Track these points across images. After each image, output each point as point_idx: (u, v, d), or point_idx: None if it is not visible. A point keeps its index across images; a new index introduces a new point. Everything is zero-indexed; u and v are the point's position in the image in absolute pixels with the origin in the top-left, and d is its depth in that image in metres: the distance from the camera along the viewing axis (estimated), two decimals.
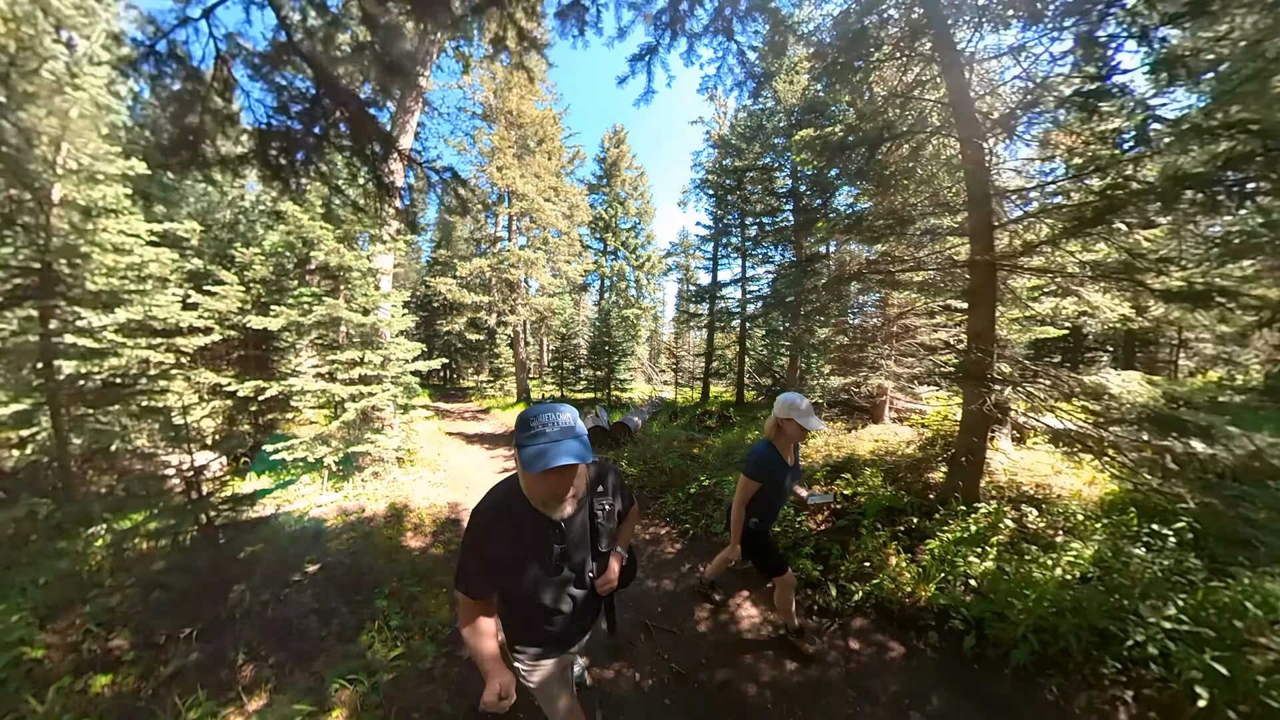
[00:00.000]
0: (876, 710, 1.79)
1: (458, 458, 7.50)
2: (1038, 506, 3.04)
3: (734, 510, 2.11)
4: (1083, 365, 8.69)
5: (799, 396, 2.08)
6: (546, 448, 1.04)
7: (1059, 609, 1.94)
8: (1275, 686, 1.47)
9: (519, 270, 14.36)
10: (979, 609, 2.10)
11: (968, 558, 2.43)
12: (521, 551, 1.21)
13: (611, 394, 14.04)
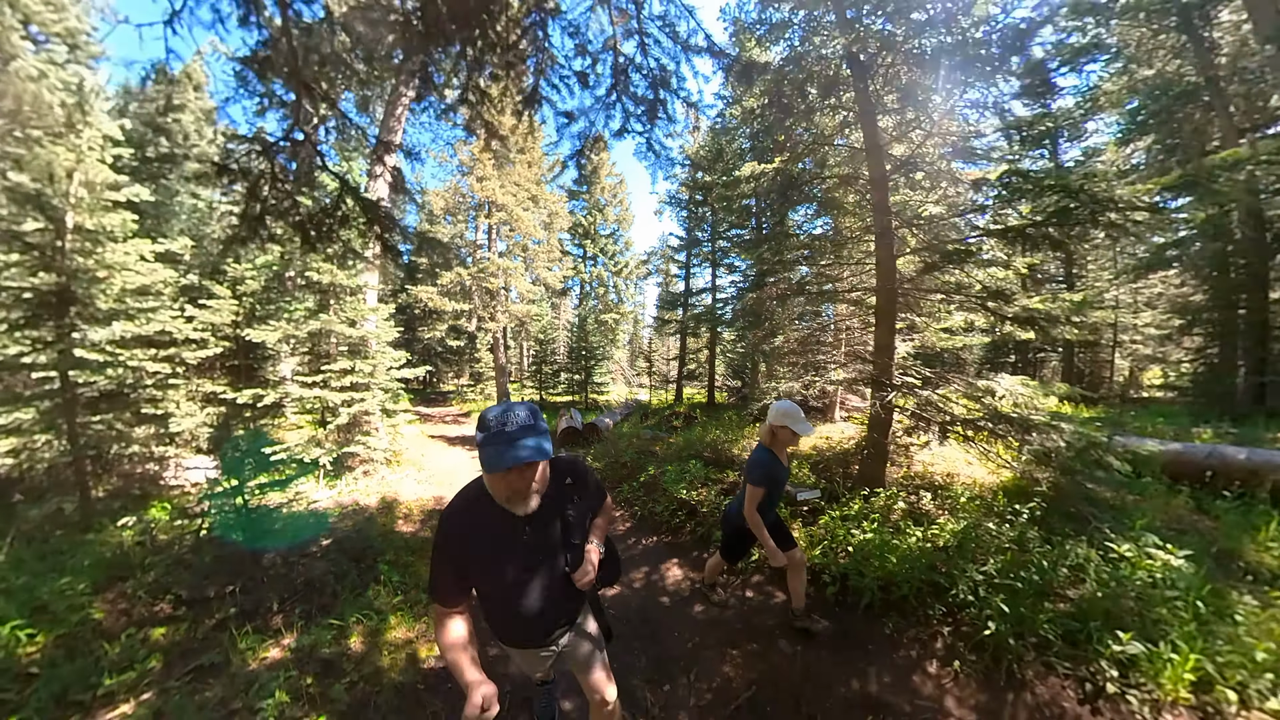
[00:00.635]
0: (753, 637, 2.48)
1: (441, 459, 8.03)
2: (935, 492, 3.76)
3: (748, 518, 2.21)
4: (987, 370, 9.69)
5: (791, 405, 2.22)
6: (504, 447, 1.06)
7: (902, 567, 2.61)
8: (1050, 621, 2.11)
9: (498, 279, 14.88)
10: (845, 567, 2.77)
11: (850, 530, 3.11)
12: (491, 550, 1.22)
13: (589, 396, 14.68)
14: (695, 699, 2.08)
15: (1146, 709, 1.77)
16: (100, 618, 2.89)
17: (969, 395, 3.72)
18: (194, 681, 2.24)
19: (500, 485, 1.14)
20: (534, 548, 1.25)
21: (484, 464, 1.07)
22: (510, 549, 1.23)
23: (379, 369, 6.52)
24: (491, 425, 1.09)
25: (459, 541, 1.21)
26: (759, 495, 2.18)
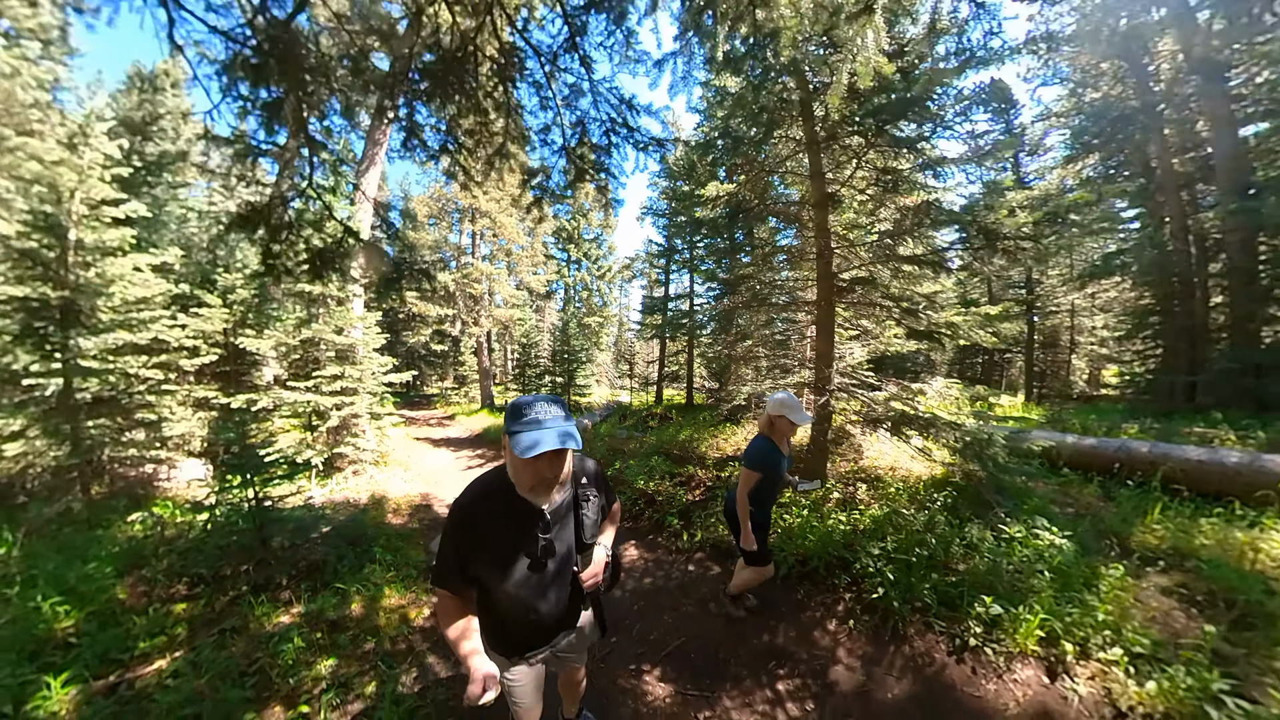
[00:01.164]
0: (687, 602, 2.99)
1: (426, 459, 8.43)
2: (871, 483, 4.32)
3: (739, 500, 2.28)
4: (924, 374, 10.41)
5: (789, 395, 2.29)
6: (540, 434, 1.08)
7: (818, 545, 3.14)
8: (932, 588, 2.58)
9: (482, 284, 15.29)
10: (770, 544, 3.33)
11: (781, 515, 3.66)
12: (505, 540, 1.23)
13: (572, 398, 15.13)
14: (635, 650, 2.59)
15: (1001, 659, 2.22)
16: (124, 597, 3.30)
17: (898, 398, 4.33)
18: (218, 641, 2.68)
19: (528, 472, 1.16)
20: (548, 542, 1.25)
21: (517, 449, 1.08)
22: (526, 543, 1.24)
23: (366, 374, 6.92)
24: (526, 413, 1.12)
25: (473, 530, 1.21)
26: (753, 479, 2.25)
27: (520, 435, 1.09)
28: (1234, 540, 2.89)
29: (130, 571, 3.58)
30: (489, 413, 14.36)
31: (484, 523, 1.22)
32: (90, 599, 3.21)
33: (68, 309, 5.03)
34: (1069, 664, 2.15)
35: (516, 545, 1.24)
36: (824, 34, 3.00)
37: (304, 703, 2.01)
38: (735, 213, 4.68)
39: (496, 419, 13.03)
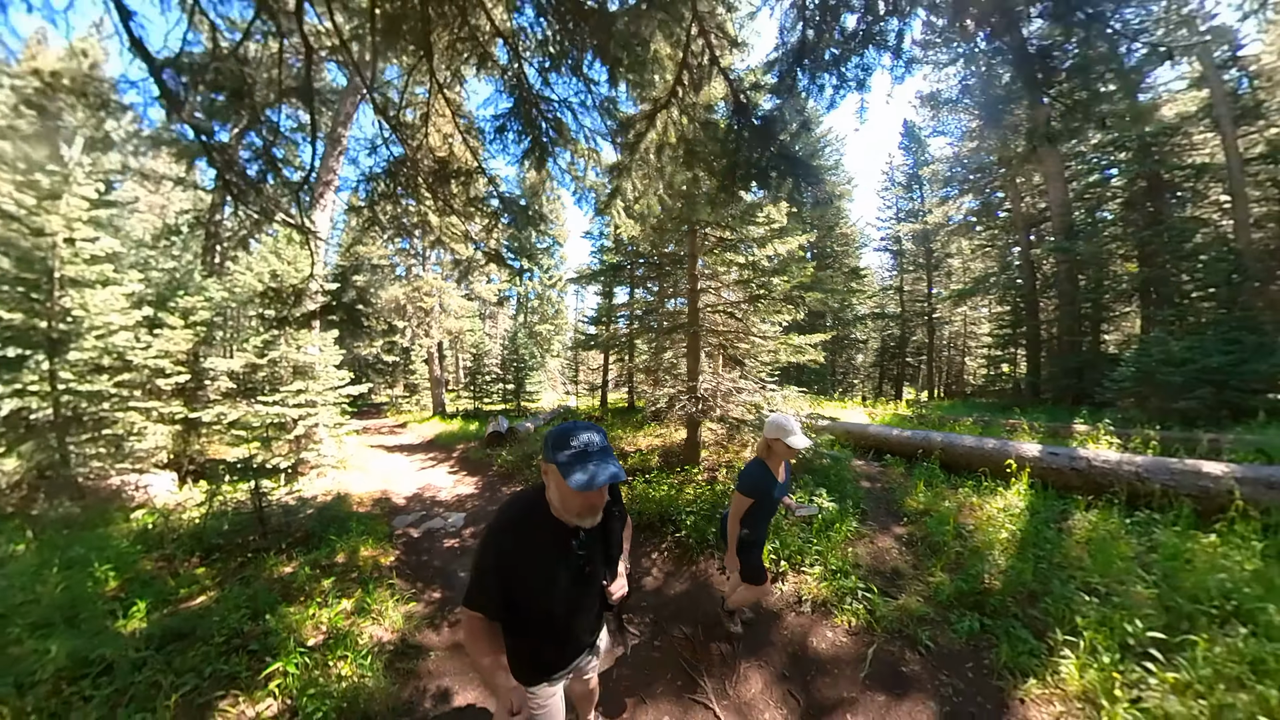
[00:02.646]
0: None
1: (382, 464, 9.47)
2: (731, 468, 5.96)
3: (729, 524, 2.36)
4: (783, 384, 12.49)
5: (786, 418, 2.32)
6: (593, 467, 1.16)
7: (656, 507, 4.68)
8: (715, 531, 3.82)
9: (434, 297, 16.19)
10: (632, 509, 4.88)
11: (649, 490, 5.21)
12: (544, 561, 1.28)
13: (521, 404, 16.35)
14: None
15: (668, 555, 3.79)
16: (150, 568, 4.41)
17: (746, 404, 6.04)
18: (243, 582, 3.91)
19: (578, 502, 1.22)
20: (583, 562, 1.32)
21: (572, 483, 1.13)
22: (565, 562, 1.30)
23: (326, 388, 7.99)
24: (574, 446, 1.19)
25: (512, 556, 1.25)
26: (745, 504, 2.30)
27: (573, 468, 1.16)
28: (965, 501, 4.41)
29: (148, 553, 4.65)
30: (441, 419, 15.31)
31: (523, 545, 1.27)
32: (123, 570, 4.29)
33: (53, 339, 5.91)
34: (783, 574, 3.47)
35: (556, 566, 1.29)
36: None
37: (315, 602, 3.32)
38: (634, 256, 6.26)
39: (449, 425, 14.04)
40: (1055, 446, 4.97)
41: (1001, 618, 2.73)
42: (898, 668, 2.49)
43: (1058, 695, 2.18)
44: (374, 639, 2.84)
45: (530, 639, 1.38)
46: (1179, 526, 3.39)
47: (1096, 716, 2.02)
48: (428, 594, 3.56)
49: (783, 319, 6.40)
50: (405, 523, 5.33)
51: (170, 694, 2.22)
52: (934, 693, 2.31)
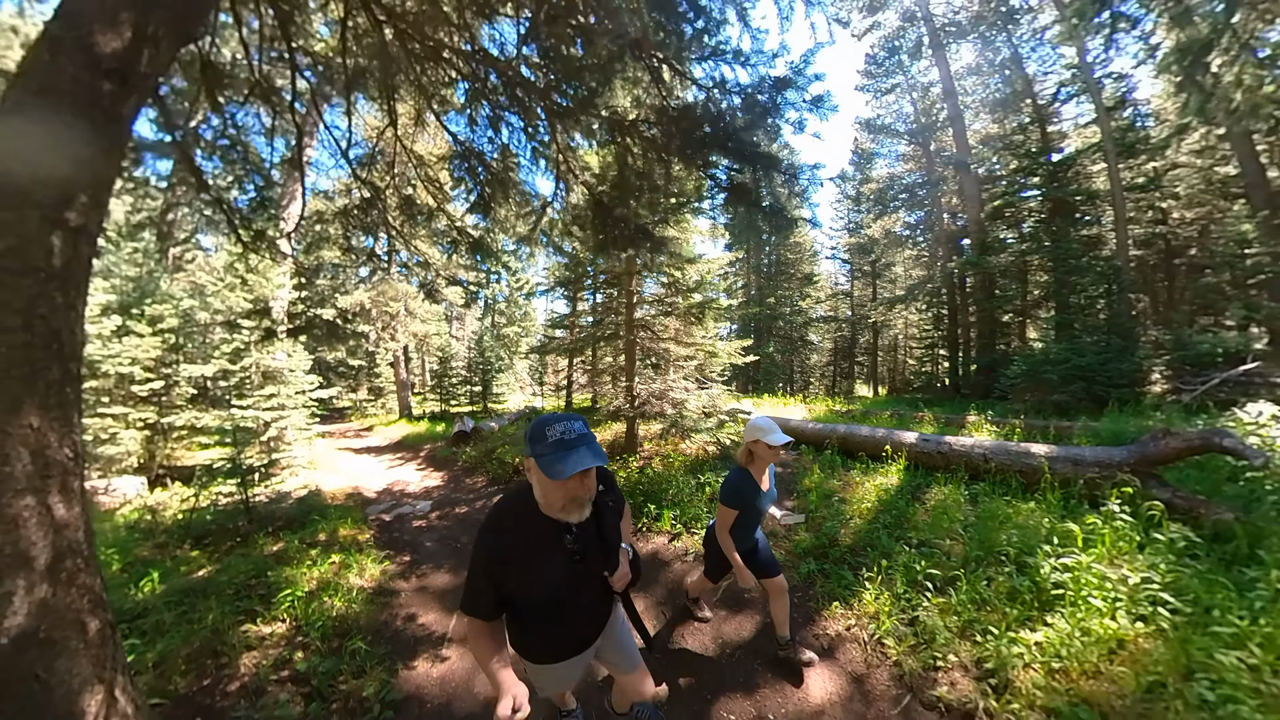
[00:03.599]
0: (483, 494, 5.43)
1: (351, 465, 10.05)
2: (666, 458, 6.98)
3: (720, 541, 2.30)
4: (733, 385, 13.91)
5: (764, 418, 2.26)
6: (569, 454, 1.16)
7: None
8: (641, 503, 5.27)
9: (399, 301, 16.64)
10: None
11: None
12: (534, 556, 1.29)
13: (488, 406, 17.00)
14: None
15: (653, 534, 4.70)
16: (147, 553, 5.05)
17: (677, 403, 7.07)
18: (240, 556, 4.62)
19: (560, 493, 1.23)
20: (577, 555, 1.33)
21: (549, 472, 1.15)
22: (556, 558, 1.31)
23: (296, 392, 8.58)
24: (551, 435, 1.20)
25: (503, 557, 1.27)
26: (730, 516, 2.24)
27: (549, 458, 1.17)
28: (850, 480, 5.46)
29: (144, 540, 5.27)
30: (408, 422, 15.80)
31: (512, 542, 1.28)
32: (123, 556, 4.91)
33: None
34: (679, 534, 4.46)
35: (546, 560, 1.31)
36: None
37: (306, 563, 4.10)
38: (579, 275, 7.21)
39: (416, 427, 14.59)
40: (928, 434, 6.18)
41: (836, 564, 3.70)
42: (741, 596, 3.48)
43: (853, 614, 3.09)
44: (356, 586, 3.67)
45: (532, 632, 1.43)
46: (1008, 496, 4.46)
47: (876, 626, 2.91)
48: (399, 558, 4.39)
49: (704, 329, 7.45)
50: (377, 510, 6.09)
51: (204, 618, 3.02)
52: (763, 610, 3.28)
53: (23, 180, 1.52)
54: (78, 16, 1.73)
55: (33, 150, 1.56)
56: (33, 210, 1.52)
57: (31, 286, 1.52)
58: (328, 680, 2.49)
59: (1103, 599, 2.56)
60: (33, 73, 1.65)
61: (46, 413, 1.55)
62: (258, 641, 2.84)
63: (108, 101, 1.74)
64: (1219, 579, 2.52)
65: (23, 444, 1.49)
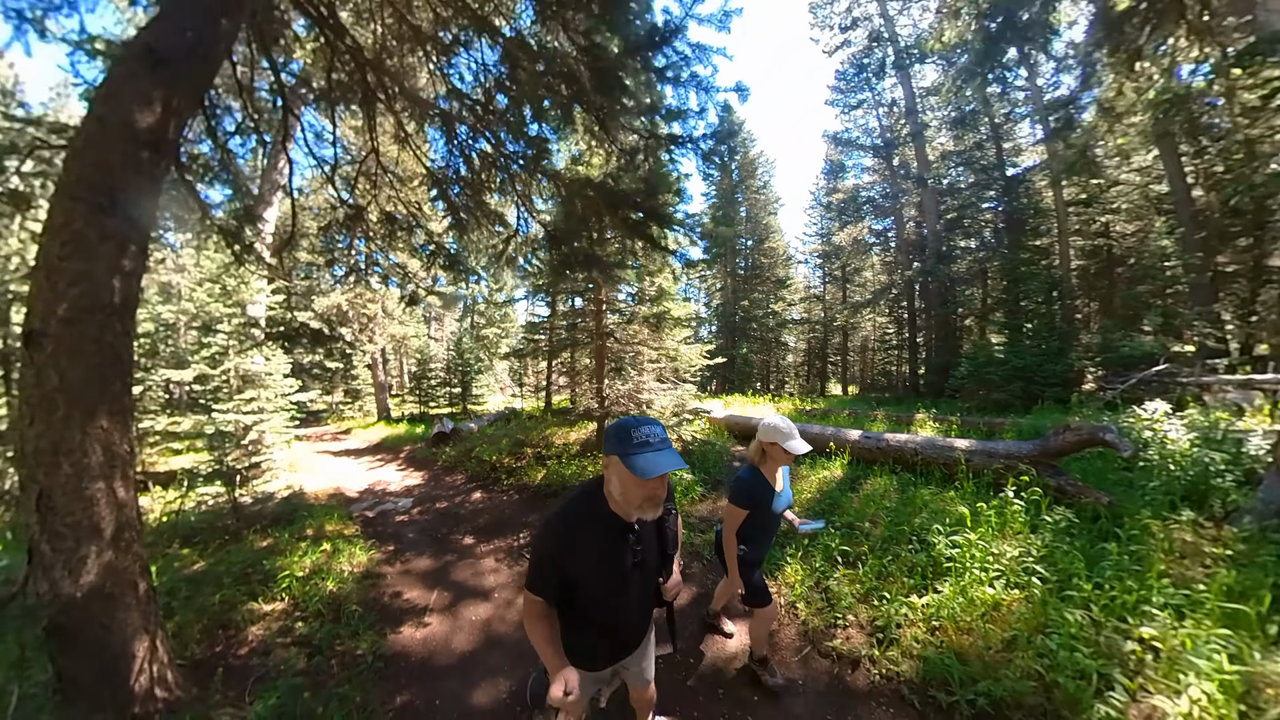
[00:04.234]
0: (499, 505, 5.89)
1: (330, 467, 10.27)
2: None
3: (725, 541, 2.21)
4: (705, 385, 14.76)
5: (782, 419, 2.17)
6: (656, 456, 1.24)
7: (562, 478, 6.23)
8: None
9: (376, 304, 16.78)
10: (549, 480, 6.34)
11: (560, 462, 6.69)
12: (600, 552, 1.35)
13: (467, 407, 17.27)
14: (464, 525, 5.39)
15: None
16: None
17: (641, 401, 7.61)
18: (235, 549, 4.95)
19: (641, 492, 1.28)
20: (638, 557, 1.39)
21: (636, 471, 1.21)
22: (621, 555, 1.37)
23: (276, 395, 8.82)
24: (636, 436, 1.26)
25: (570, 544, 1.33)
26: (739, 516, 2.15)
27: (636, 458, 1.23)
28: (798, 473, 6.16)
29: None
30: (386, 424, 15.96)
31: (580, 535, 1.34)
32: None
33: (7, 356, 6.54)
34: None
35: (611, 558, 1.36)
36: None
37: (298, 552, 4.48)
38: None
39: (395, 429, 14.79)
40: (870, 432, 6.86)
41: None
42: (685, 571, 4.02)
43: (776, 584, 3.60)
44: (347, 570, 4.09)
45: (579, 629, 1.46)
46: (932, 485, 5.13)
47: (791, 593, 3.46)
48: (384, 547, 4.81)
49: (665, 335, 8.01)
50: (360, 508, 6.46)
51: (210, 599, 3.41)
52: (700, 583, 3.85)
53: (90, 237, 1.95)
54: (118, 98, 2.16)
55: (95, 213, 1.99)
56: (100, 261, 1.96)
57: (101, 320, 1.95)
58: (327, 641, 2.94)
59: (984, 570, 3.17)
60: (87, 149, 2.08)
61: (112, 417, 1.99)
62: (261, 616, 3.26)
63: (147, 168, 2.18)
64: (1079, 552, 3.12)
65: (97, 441, 1.93)
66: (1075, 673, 2.32)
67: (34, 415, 1.82)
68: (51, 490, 1.83)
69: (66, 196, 1.93)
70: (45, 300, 1.83)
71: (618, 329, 7.51)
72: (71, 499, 1.87)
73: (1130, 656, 2.38)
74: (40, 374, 1.81)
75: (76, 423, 1.86)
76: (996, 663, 2.50)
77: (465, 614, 3.42)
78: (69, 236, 1.89)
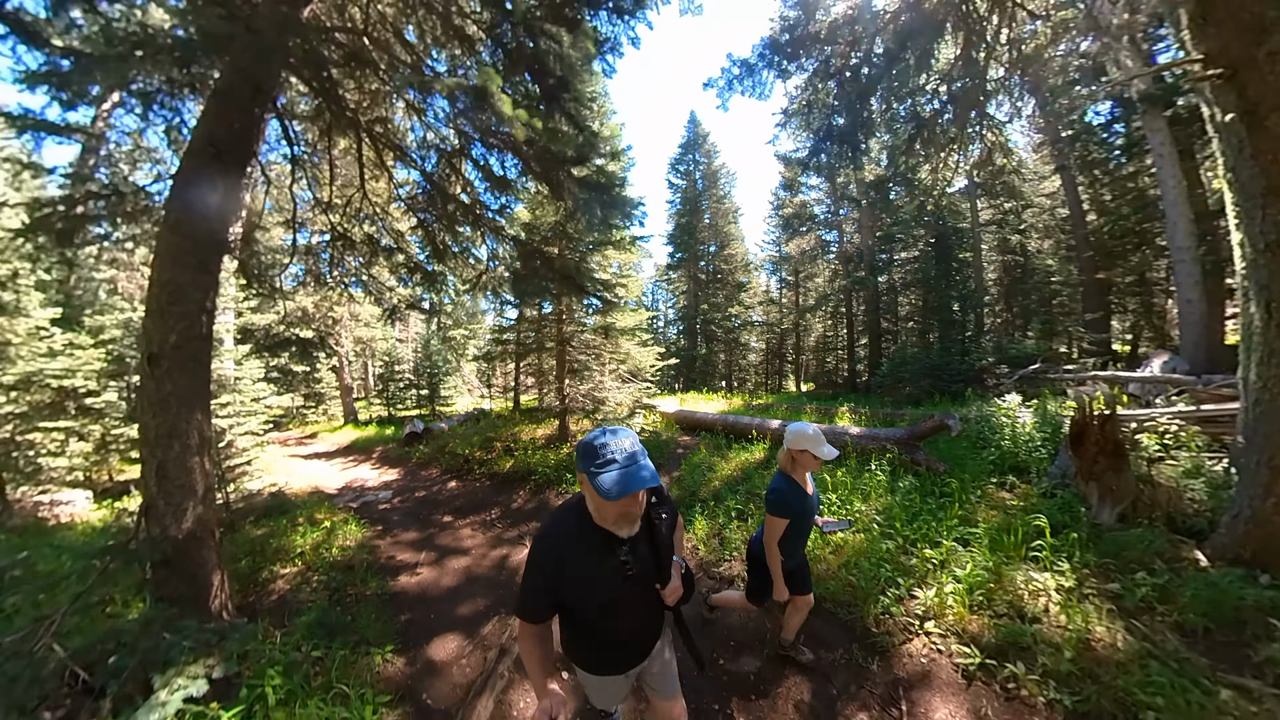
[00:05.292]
0: (473, 489, 6.75)
1: (304, 469, 10.70)
2: None
3: (769, 550, 2.23)
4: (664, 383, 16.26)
5: (809, 425, 2.22)
6: (625, 473, 1.21)
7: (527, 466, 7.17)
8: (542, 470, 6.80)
9: (342, 307, 17.02)
10: (512, 469, 7.26)
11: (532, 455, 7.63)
12: (590, 572, 1.33)
13: (436, 409, 17.75)
14: (446, 509, 6.25)
15: (570, 492, 6.38)
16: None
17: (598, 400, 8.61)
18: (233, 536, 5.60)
19: (614, 510, 1.27)
20: (630, 568, 1.36)
21: (602, 492, 1.19)
22: (609, 571, 1.35)
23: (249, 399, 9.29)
24: (602, 454, 1.24)
25: (557, 564, 1.32)
26: (780, 527, 2.18)
27: (601, 477, 1.21)
28: (726, 455, 7.39)
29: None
30: (354, 427, 16.27)
31: (567, 549, 1.33)
32: None
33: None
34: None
35: (600, 569, 1.34)
36: None
37: (300, 534, 5.22)
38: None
39: (364, 431, 15.16)
40: (788, 421, 8.11)
41: (688, 508, 5.35)
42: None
43: (689, 535, 4.68)
44: (346, 543, 4.91)
45: (584, 640, 1.48)
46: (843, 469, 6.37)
47: (697, 538, 4.55)
48: (373, 527, 5.63)
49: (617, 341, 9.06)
50: (344, 501, 7.16)
51: (237, 563, 4.17)
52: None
53: (188, 288, 2.79)
54: (194, 184, 2.99)
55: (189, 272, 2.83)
56: (194, 305, 2.81)
57: (196, 345, 2.80)
58: (342, 586, 3.80)
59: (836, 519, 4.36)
60: (178, 225, 2.90)
61: (203, 413, 2.84)
62: (281, 576, 4.07)
63: (218, 236, 3.03)
64: (903, 506, 4.35)
65: (195, 429, 2.77)
66: (873, 579, 3.48)
67: (154, 411, 2.65)
68: (166, 463, 2.67)
69: (169, 260, 2.76)
70: (161, 332, 2.66)
71: (574, 336, 8.48)
72: (179, 469, 2.71)
73: (915, 570, 3.57)
74: (158, 383, 2.65)
75: (182, 416, 2.71)
76: (828, 577, 3.66)
77: (449, 565, 4.35)
78: (174, 288, 2.73)
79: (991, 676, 2.61)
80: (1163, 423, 5.26)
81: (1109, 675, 2.43)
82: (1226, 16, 2.91)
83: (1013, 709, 2.42)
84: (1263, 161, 2.85)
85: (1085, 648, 2.65)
